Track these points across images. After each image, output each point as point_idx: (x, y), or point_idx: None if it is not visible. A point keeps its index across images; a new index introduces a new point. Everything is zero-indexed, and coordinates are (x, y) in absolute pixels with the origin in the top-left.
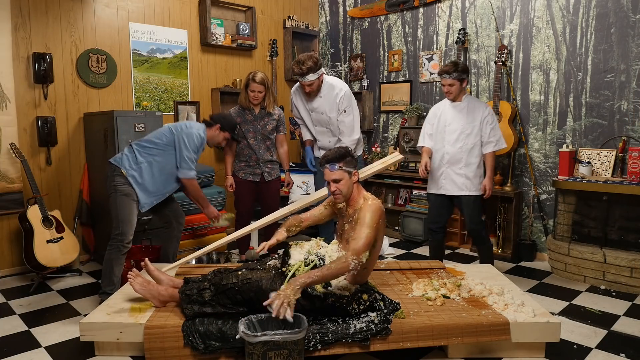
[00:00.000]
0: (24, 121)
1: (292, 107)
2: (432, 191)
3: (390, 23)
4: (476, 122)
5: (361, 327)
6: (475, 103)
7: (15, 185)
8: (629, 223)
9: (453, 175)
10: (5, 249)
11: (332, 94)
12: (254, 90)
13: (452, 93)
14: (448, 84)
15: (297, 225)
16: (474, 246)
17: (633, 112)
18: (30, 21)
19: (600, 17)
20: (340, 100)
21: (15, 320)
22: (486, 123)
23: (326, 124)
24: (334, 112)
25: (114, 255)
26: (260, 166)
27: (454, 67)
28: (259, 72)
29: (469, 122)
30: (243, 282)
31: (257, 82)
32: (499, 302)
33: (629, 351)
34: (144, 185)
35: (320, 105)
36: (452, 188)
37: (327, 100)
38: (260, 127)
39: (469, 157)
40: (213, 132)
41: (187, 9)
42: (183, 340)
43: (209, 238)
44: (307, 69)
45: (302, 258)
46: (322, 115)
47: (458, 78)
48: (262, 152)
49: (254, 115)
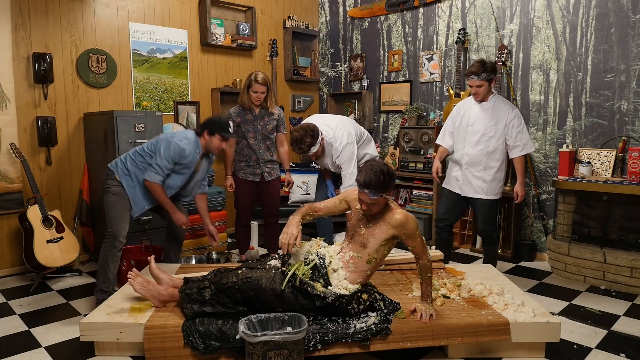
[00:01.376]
0: (24, 121)
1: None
2: (448, 187)
3: (390, 23)
4: (500, 125)
5: (361, 327)
6: (501, 104)
7: (15, 185)
8: (629, 223)
9: (470, 177)
10: (5, 249)
11: (331, 151)
12: (257, 91)
13: (480, 94)
14: (476, 85)
15: (311, 214)
16: (482, 246)
17: (633, 112)
18: (30, 21)
19: (600, 17)
20: (337, 157)
21: (15, 320)
22: (512, 126)
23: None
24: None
25: (108, 252)
26: (260, 166)
27: (482, 68)
28: (260, 73)
29: (492, 124)
30: (243, 281)
31: (260, 83)
32: (499, 302)
33: (629, 351)
34: (134, 191)
35: (323, 159)
36: (468, 190)
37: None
38: (260, 127)
39: (489, 161)
40: (205, 139)
41: (187, 9)
42: (183, 340)
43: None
44: (307, 146)
45: (302, 257)
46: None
47: (486, 79)
48: (262, 152)
49: (254, 115)
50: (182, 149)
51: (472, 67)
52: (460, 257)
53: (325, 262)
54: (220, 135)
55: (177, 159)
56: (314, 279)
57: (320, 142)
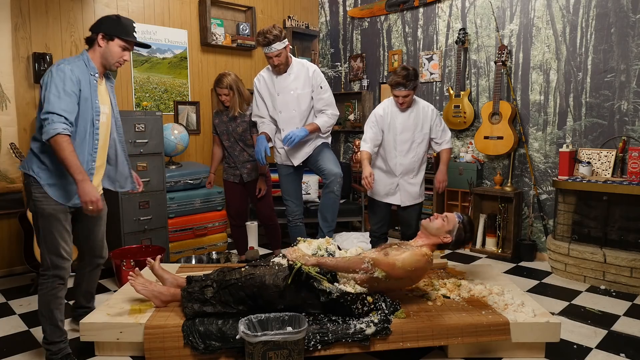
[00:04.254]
0: (24, 121)
1: (253, 104)
2: (381, 199)
3: (390, 23)
4: (426, 129)
5: (361, 327)
6: (420, 107)
7: (15, 185)
8: (629, 223)
9: (407, 186)
10: (5, 249)
11: (303, 70)
12: (220, 94)
13: (407, 103)
14: (403, 95)
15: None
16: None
17: (633, 112)
18: (30, 21)
19: (600, 17)
20: (313, 75)
21: (15, 320)
22: (436, 125)
23: (295, 105)
24: (307, 88)
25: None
26: (238, 167)
27: (408, 77)
28: (227, 76)
29: (419, 131)
30: (246, 278)
31: (219, 87)
32: (499, 302)
33: (629, 351)
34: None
35: (290, 83)
36: (406, 199)
37: (298, 77)
38: (231, 128)
39: (421, 165)
40: (99, 48)
41: (187, 9)
42: (183, 340)
43: (209, 238)
44: (273, 37)
45: (310, 253)
46: (291, 94)
47: (413, 87)
48: (237, 153)
49: (228, 116)
50: (62, 70)
51: (397, 77)
52: (460, 257)
53: (335, 257)
54: (122, 40)
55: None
56: (320, 273)
57: (286, 48)
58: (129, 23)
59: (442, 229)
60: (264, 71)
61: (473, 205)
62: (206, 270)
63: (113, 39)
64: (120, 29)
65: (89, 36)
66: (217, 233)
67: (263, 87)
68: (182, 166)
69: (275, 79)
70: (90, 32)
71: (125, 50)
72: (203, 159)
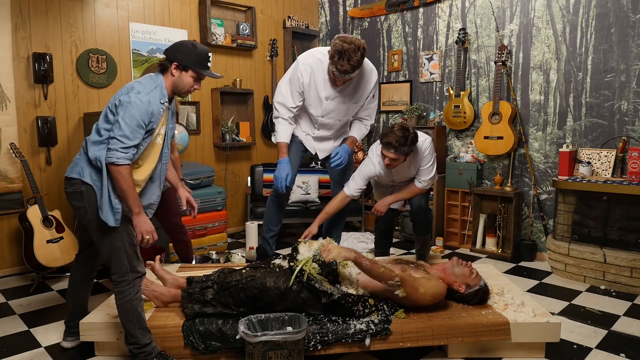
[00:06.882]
0: (24, 121)
1: (281, 87)
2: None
3: (390, 23)
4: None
5: (361, 328)
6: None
7: (15, 185)
8: (629, 223)
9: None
10: (5, 249)
11: (365, 80)
12: None
13: (393, 166)
14: (391, 157)
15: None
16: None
17: (633, 112)
18: (30, 21)
19: (600, 17)
20: (374, 85)
21: (15, 320)
22: (425, 168)
23: (342, 116)
24: (362, 101)
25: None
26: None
27: (403, 141)
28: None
29: (410, 173)
30: (247, 279)
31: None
32: (499, 302)
33: (629, 351)
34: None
35: (348, 93)
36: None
37: (358, 88)
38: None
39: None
40: (172, 77)
41: (187, 9)
42: (183, 340)
43: (209, 238)
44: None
45: (311, 255)
46: (343, 105)
47: (404, 153)
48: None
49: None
50: (142, 101)
51: (391, 136)
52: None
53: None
54: (195, 72)
55: (146, 119)
56: (322, 274)
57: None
58: (204, 54)
59: (464, 278)
60: (316, 61)
61: (473, 205)
62: (206, 271)
63: (187, 70)
64: (195, 60)
65: (163, 61)
66: (217, 233)
67: (309, 82)
68: (182, 166)
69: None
70: (165, 56)
71: (197, 80)
72: (203, 159)
